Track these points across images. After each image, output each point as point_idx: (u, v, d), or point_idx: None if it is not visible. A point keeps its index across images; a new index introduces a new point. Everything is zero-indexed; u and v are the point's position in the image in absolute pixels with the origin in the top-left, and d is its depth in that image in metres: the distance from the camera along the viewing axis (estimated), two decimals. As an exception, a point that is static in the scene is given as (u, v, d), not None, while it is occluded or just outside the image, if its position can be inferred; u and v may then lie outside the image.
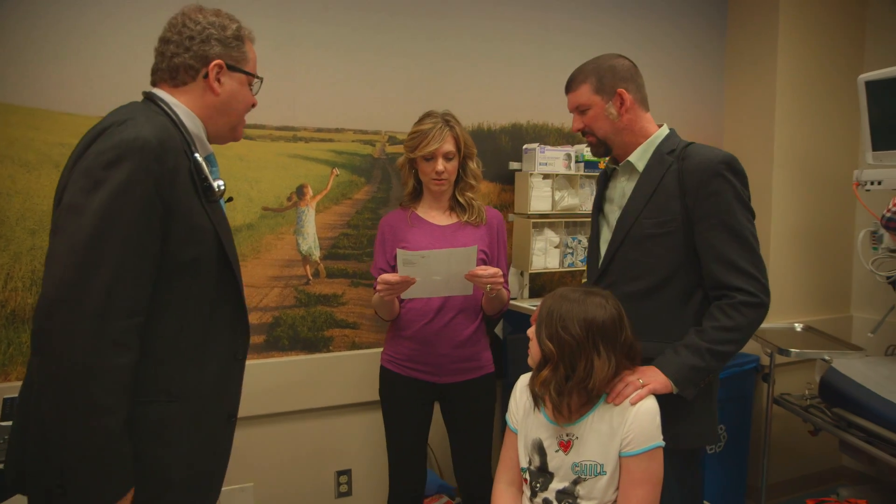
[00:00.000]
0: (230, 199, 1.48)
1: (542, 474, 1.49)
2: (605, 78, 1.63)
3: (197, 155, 1.23)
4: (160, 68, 1.29)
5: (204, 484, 1.29)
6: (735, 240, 1.52)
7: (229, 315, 1.30)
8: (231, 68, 1.29)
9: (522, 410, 1.56)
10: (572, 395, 1.42)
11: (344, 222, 2.41)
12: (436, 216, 2.02)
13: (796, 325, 2.90)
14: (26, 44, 1.94)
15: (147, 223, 1.12)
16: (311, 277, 2.36)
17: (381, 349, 2.38)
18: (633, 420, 1.41)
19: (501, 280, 1.85)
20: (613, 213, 1.70)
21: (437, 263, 1.78)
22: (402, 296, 1.88)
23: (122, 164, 1.09)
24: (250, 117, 2.19)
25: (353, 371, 2.41)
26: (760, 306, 1.53)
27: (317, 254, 2.36)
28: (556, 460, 1.47)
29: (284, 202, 2.31)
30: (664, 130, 1.68)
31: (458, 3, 2.51)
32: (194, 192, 1.20)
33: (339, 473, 2.46)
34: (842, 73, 3.04)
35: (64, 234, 1.08)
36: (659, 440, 1.43)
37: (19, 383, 1.92)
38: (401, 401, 2.03)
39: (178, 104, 1.26)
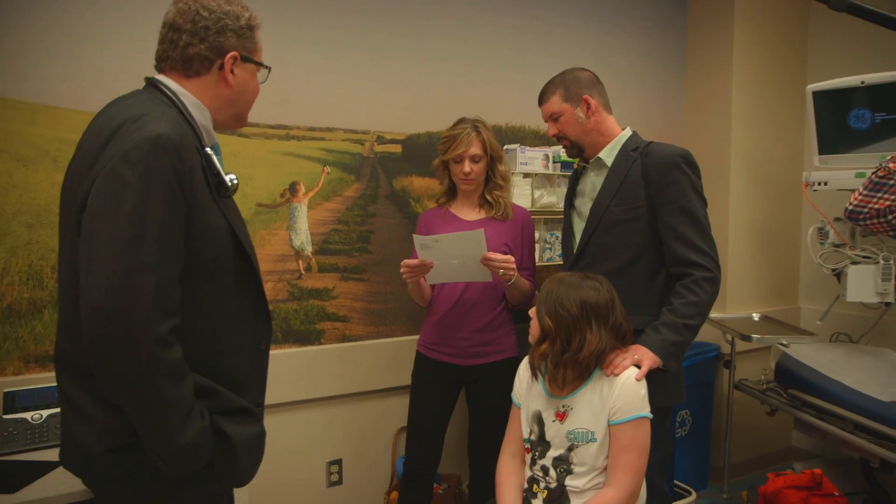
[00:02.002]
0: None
1: (541, 443, 1.62)
2: (571, 88, 1.90)
3: (208, 149, 1.21)
4: (170, 56, 1.24)
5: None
6: (691, 222, 1.77)
7: (250, 307, 1.30)
8: (245, 59, 1.27)
9: (525, 386, 1.69)
10: (567, 367, 1.56)
11: (335, 218, 2.48)
12: (466, 213, 2.21)
13: (754, 314, 3.13)
14: (25, 38, 1.95)
15: (177, 223, 1.11)
16: (303, 272, 2.43)
17: (371, 341, 2.54)
18: (619, 391, 1.56)
19: (513, 266, 2.00)
20: (585, 204, 1.93)
21: (449, 246, 1.94)
22: (428, 281, 2.07)
23: (147, 164, 1.07)
24: (244, 116, 2.30)
25: (343, 363, 2.49)
26: (716, 280, 1.77)
27: (309, 249, 2.43)
28: (552, 430, 1.61)
29: (278, 198, 2.37)
30: (628, 132, 1.94)
31: (442, 9, 2.63)
32: (208, 189, 1.19)
33: (330, 463, 2.52)
34: (789, 82, 3.31)
35: (100, 240, 1.06)
36: (645, 411, 1.58)
37: (16, 378, 1.97)
38: (427, 381, 2.20)
39: (186, 94, 1.23)
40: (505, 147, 2.70)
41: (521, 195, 2.64)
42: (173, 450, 1.11)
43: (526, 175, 2.64)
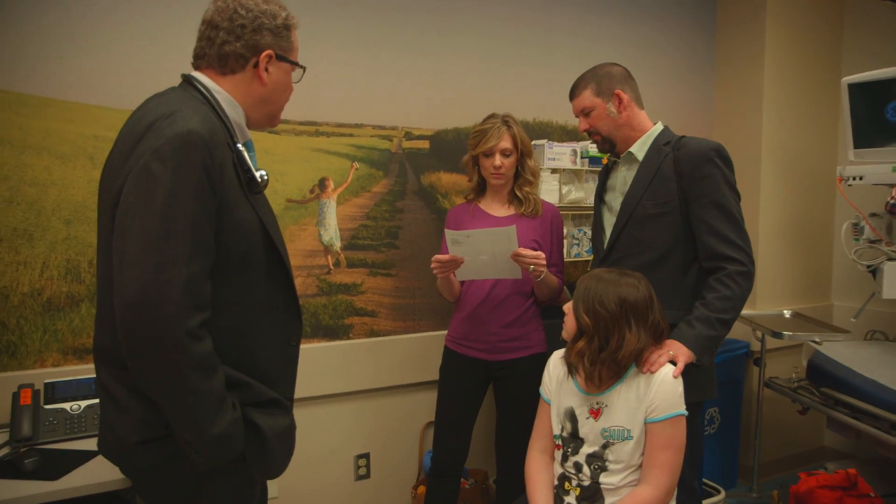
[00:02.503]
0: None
1: (574, 440, 1.61)
2: (602, 82, 1.88)
3: (239, 145, 1.22)
4: (207, 54, 1.25)
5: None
6: (725, 216, 1.75)
7: (281, 303, 1.30)
8: (280, 58, 1.28)
9: (556, 382, 1.68)
10: (604, 365, 1.55)
11: (363, 214, 2.50)
12: (496, 208, 2.21)
13: (785, 311, 3.08)
14: (62, 38, 1.99)
15: (208, 218, 1.12)
16: (332, 267, 2.45)
17: (399, 336, 2.55)
18: (657, 389, 1.55)
19: (543, 262, 1.99)
20: (616, 199, 1.92)
21: (480, 242, 1.94)
22: (459, 277, 2.08)
23: (178, 160, 1.08)
24: (274, 112, 2.32)
25: (372, 358, 2.51)
26: (750, 274, 1.74)
27: (338, 244, 2.45)
28: (586, 427, 1.60)
29: (307, 194, 2.39)
30: (659, 126, 1.92)
31: (471, 6, 2.63)
32: (238, 185, 1.20)
33: (359, 457, 2.54)
34: (824, 74, 3.25)
35: (132, 234, 1.08)
36: (682, 409, 1.57)
37: (56, 369, 2.01)
38: (455, 376, 2.21)
39: (220, 91, 1.24)
40: (533, 142, 2.69)
41: (549, 191, 2.62)
42: (205, 440, 1.13)
43: (554, 171, 2.63)
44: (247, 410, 1.21)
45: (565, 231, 2.67)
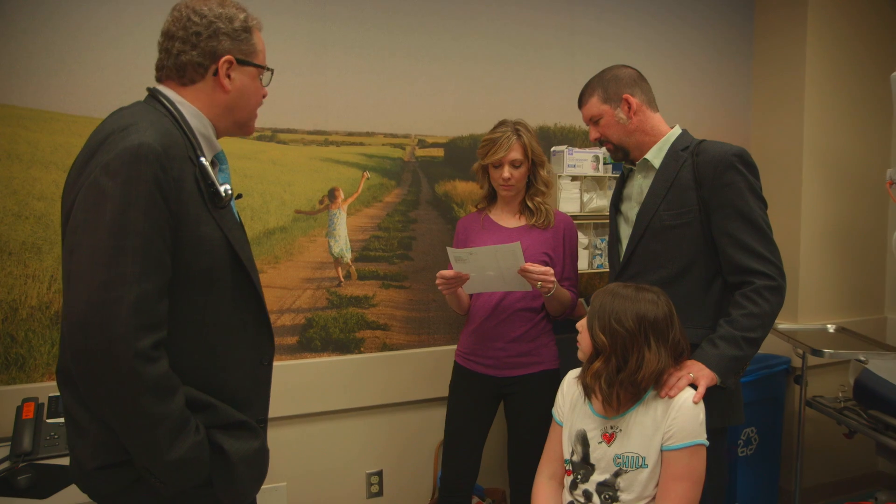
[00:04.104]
0: (239, 196, 1.41)
1: (584, 465, 1.51)
2: (609, 88, 1.77)
3: (203, 159, 1.18)
4: (166, 65, 1.22)
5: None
6: (750, 226, 1.61)
7: (251, 321, 1.26)
8: (241, 62, 1.23)
9: (569, 403, 1.58)
10: (622, 387, 1.44)
11: (375, 225, 2.44)
12: (506, 219, 2.13)
13: (829, 326, 2.87)
14: (69, 54, 2.00)
15: (160, 234, 1.08)
16: (342, 279, 2.39)
17: (412, 350, 2.48)
18: (675, 414, 1.43)
19: (552, 278, 1.90)
20: (632, 209, 1.80)
21: (484, 259, 1.87)
22: (467, 291, 2.02)
23: (127, 174, 1.04)
24: (282, 121, 2.29)
25: (384, 372, 2.44)
26: (780, 289, 1.60)
27: (348, 256, 2.40)
28: (598, 451, 1.49)
29: (316, 205, 2.35)
30: (677, 130, 1.79)
31: (486, 8, 2.54)
32: (201, 200, 1.16)
33: (371, 474, 2.48)
34: (872, 71, 3.01)
35: (80, 252, 1.04)
36: (702, 438, 1.44)
37: None
38: (463, 392, 2.13)
39: (184, 102, 1.21)
40: (552, 149, 2.59)
41: (570, 199, 2.51)
42: (163, 466, 1.08)
43: (574, 178, 2.51)
44: (212, 433, 1.16)
45: (587, 241, 2.55)
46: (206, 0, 1.22)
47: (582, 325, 1.52)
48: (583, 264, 2.55)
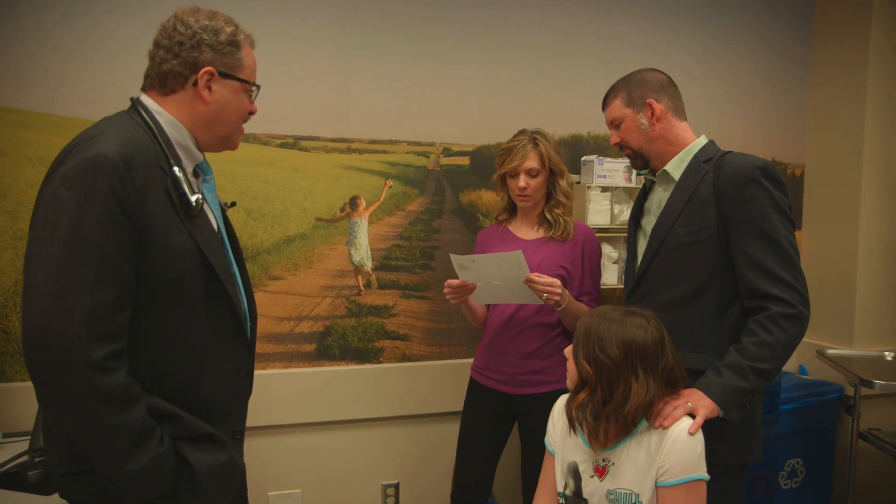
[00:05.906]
0: (233, 205, 1.42)
1: (577, 500, 1.42)
2: (634, 91, 1.68)
3: (175, 169, 1.16)
4: (150, 74, 1.22)
5: None
6: (771, 247, 1.48)
7: (227, 332, 1.24)
8: (224, 75, 1.22)
9: (560, 432, 1.50)
10: (609, 420, 1.35)
11: (396, 234, 2.41)
12: (525, 231, 2.07)
13: (887, 353, 2.63)
14: (82, 62, 2.06)
15: (117, 244, 1.06)
16: (362, 288, 2.38)
17: (433, 362, 2.46)
18: (670, 447, 1.32)
19: (559, 291, 1.82)
20: (650, 223, 1.70)
21: (487, 267, 1.82)
22: (476, 301, 1.97)
23: (82, 185, 1.04)
24: (305, 129, 2.29)
25: (403, 383, 2.40)
26: (800, 318, 1.46)
27: (369, 265, 2.38)
28: (590, 486, 1.40)
29: (337, 213, 2.34)
30: (702, 140, 1.68)
31: (516, 14, 2.48)
32: (172, 209, 1.14)
33: (387, 486, 2.44)
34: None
35: (37, 262, 1.05)
36: (701, 472, 1.33)
37: None
38: (476, 408, 2.09)
39: (162, 112, 1.20)
40: (582, 158, 2.49)
41: (599, 210, 2.41)
42: (122, 476, 1.08)
43: (605, 189, 2.41)
44: (178, 445, 1.15)
45: (616, 255, 2.44)
46: (195, 12, 1.23)
47: (568, 351, 1.43)
48: (612, 279, 2.44)
